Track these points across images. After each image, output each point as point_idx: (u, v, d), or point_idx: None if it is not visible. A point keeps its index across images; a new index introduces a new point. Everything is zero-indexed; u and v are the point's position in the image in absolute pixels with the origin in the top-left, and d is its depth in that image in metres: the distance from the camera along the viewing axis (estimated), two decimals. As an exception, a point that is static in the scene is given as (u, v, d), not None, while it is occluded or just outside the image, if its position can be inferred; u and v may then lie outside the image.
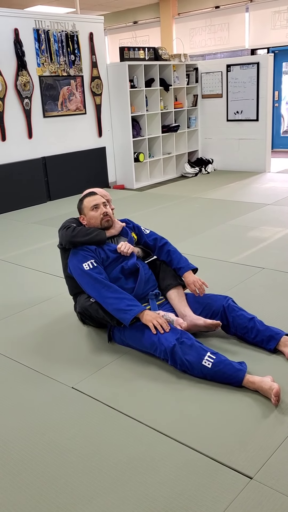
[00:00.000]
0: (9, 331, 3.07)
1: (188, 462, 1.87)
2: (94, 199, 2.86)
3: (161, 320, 2.47)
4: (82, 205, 2.89)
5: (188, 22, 10.97)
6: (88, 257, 2.71)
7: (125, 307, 2.52)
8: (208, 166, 8.37)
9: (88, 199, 2.87)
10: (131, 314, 2.50)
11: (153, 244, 2.99)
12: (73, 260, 2.75)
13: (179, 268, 2.89)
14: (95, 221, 2.83)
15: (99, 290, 2.60)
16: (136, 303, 2.56)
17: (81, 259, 2.71)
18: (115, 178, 7.85)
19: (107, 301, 2.57)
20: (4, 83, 6.12)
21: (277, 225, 4.95)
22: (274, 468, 1.81)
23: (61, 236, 2.85)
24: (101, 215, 2.82)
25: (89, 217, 2.85)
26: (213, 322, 2.61)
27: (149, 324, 2.47)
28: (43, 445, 2.02)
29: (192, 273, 2.87)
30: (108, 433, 2.07)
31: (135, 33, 11.97)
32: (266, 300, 3.24)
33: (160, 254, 2.97)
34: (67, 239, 2.79)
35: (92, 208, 2.83)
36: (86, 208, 2.86)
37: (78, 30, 6.86)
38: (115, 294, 2.57)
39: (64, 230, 2.84)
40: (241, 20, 10.26)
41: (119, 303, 2.54)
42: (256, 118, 7.89)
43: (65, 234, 2.81)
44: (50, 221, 5.71)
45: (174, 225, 5.16)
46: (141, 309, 2.52)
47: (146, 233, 3.02)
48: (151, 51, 7.64)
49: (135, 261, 2.80)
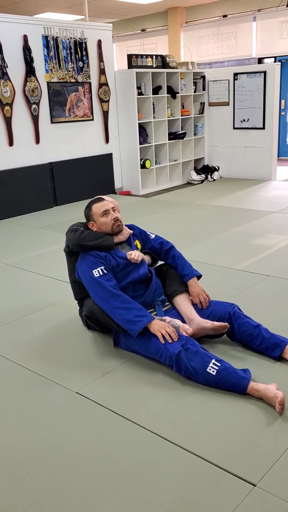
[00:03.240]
0: (14, 335, 3.08)
1: (192, 469, 1.87)
2: (103, 205, 2.83)
3: (170, 329, 2.46)
4: (90, 212, 2.85)
5: (196, 31, 11.04)
6: (98, 263, 2.69)
7: (133, 318, 2.50)
8: (214, 174, 8.39)
9: (97, 205, 2.84)
10: (139, 325, 2.48)
11: (159, 247, 2.99)
12: (82, 266, 2.74)
13: (184, 275, 2.90)
14: (106, 227, 2.81)
15: (107, 300, 2.58)
16: (144, 312, 2.54)
17: (91, 265, 2.69)
18: (122, 184, 7.87)
19: (115, 311, 2.56)
20: (12, 88, 6.17)
21: (282, 233, 4.95)
22: (277, 476, 1.81)
23: (69, 239, 2.83)
24: (112, 221, 2.81)
25: (99, 223, 2.82)
26: (221, 324, 2.61)
27: (157, 333, 2.46)
28: (46, 449, 2.03)
29: (197, 281, 2.88)
30: (112, 439, 2.07)
31: (143, 40, 12.04)
32: (271, 307, 3.23)
33: (166, 258, 2.98)
34: (75, 241, 2.77)
35: (103, 214, 2.81)
36: (95, 214, 2.83)
37: (86, 37, 6.91)
38: (123, 304, 2.55)
39: (72, 233, 2.81)
40: (248, 29, 10.31)
41: (128, 313, 2.52)
42: (262, 126, 7.91)
43: (73, 237, 2.79)
44: (56, 226, 5.73)
45: (179, 232, 5.17)
46: (150, 320, 2.50)
47: (152, 237, 3.01)
48: (158, 58, 7.69)
49: (146, 270, 2.79)
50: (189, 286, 2.86)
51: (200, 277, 2.93)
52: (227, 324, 2.62)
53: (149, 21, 11.73)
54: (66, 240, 2.88)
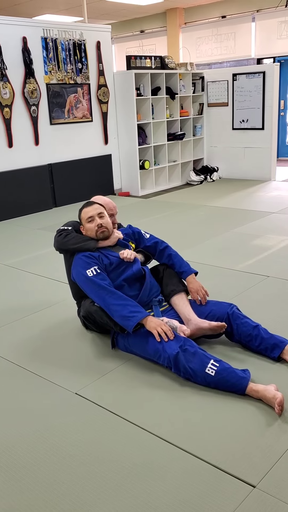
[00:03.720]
0: (13, 336, 3.08)
1: (191, 470, 1.86)
2: (90, 210, 2.87)
3: (166, 327, 2.47)
4: (80, 216, 2.93)
5: (195, 31, 11.04)
6: (92, 263, 2.72)
7: (128, 314, 2.52)
8: (213, 174, 8.39)
9: (85, 209, 2.90)
10: (134, 320, 2.50)
11: (153, 246, 3.00)
12: (76, 267, 2.77)
13: (182, 272, 2.91)
14: (91, 232, 2.86)
15: (103, 297, 2.61)
16: (139, 309, 2.56)
17: (85, 265, 2.72)
18: (121, 185, 7.88)
19: (111, 308, 2.58)
20: (11, 90, 6.18)
21: (282, 234, 4.94)
22: (277, 477, 1.80)
23: (54, 241, 2.96)
24: (95, 227, 2.84)
25: (86, 229, 2.89)
26: (218, 324, 2.61)
27: (153, 331, 2.47)
28: (45, 450, 2.02)
29: (195, 278, 2.89)
30: (111, 440, 2.06)
31: (142, 42, 12.05)
32: (270, 308, 3.23)
33: (161, 258, 2.99)
34: (58, 245, 2.92)
35: (88, 220, 2.86)
36: (83, 219, 2.89)
37: (85, 38, 6.92)
38: (119, 301, 2.57)
39: (56, 236, 2.94)
40: (247, 30, 10.31)
41: (123, 309, 2.54)
42: (261, 127, 7.91)
43: (56, 240, 2.93)
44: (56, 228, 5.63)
45: (179, 233, 5.17)
46: (144, 315, 2.52)
47: (146, 237, 3.04)
48: (157, 59, 7.69)
49: (140, 267, 2.81)
50: (187, 283, 2.87)
51: (196, 274, 2.94)
52: (225, 324, 2.62)
53: (148, 22, 11.73)
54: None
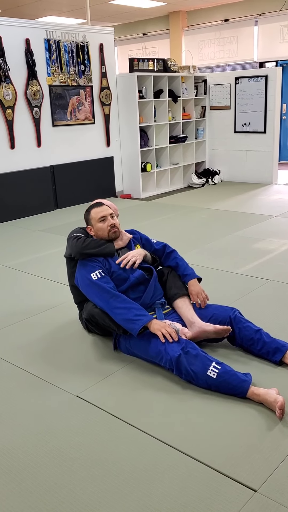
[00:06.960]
0: (14, 338, 3.08)
1: (192, 474, 1.86)
2: (101, 210, 2.85)
3: (170, 329, 2.47)
4: (89, 216, 2.89)
5: (197, 35, 11.06)
6: (96, 267, 2.72)
7: (133, 317, 2.52)
8: (215, 177, 8.39)
9: (95, 210, 2.87)
10: (139, 324, 2.49)
11: (161, 250, 3.00)
12: (81, 271, 2.76)
13: (185, 275, 2.91)
14: (102, 232, 2.84)
15: (107, 300, 2.60)
16: (143, 312, 2.56)
17: (89, 269, 2.72)
18: (122, 188, 7.88)
19: (115, 311, 2.58)
20: (14, 92, 6.19)
21: (283, 237, 4.94)
22: (278, 481, 1.80)
23: (71, 246, 2.84)
24: (108, 227, 2.83)
25: (96, 229, 2.85)
26: (224, 327, 2.60)
27: (157, 332, 2.47)
28: (46, 453, 2.02)
29: (197, 282, 2.89)
30: (112, 443, 2.06)
31: (144, 44, 12.07)
32: (272, 312, 3.23)
33: (167, 260, 2.99)
34: (78, 250, 2.78)
35: (100, 220, 2.83)
36: (93, 219, 2.86)
37: (88, 41, 6.93)
38: (123, 304, 2.57)
39: (74, 241, 2.82)
40: (249, 34, 10.33)
41: (127, 313, 2.53)
42: (263, 130, 7.92)
43: (75, 245, 2.80)
44: (57, 229, 5.73)
45: (180, 235, 5.17)
46: (149, 319, 2.52)
47: (154, 241, 3.05)
48: (160, 62, 7.70)
49: (141, 272, 2.80)
50: (189, 285, 2.87)
51: (200, 280, 2.93)
52: (230, 328, 2.61)
53: (150, 25, 11.76)
54: (68, 247, 2.89)
